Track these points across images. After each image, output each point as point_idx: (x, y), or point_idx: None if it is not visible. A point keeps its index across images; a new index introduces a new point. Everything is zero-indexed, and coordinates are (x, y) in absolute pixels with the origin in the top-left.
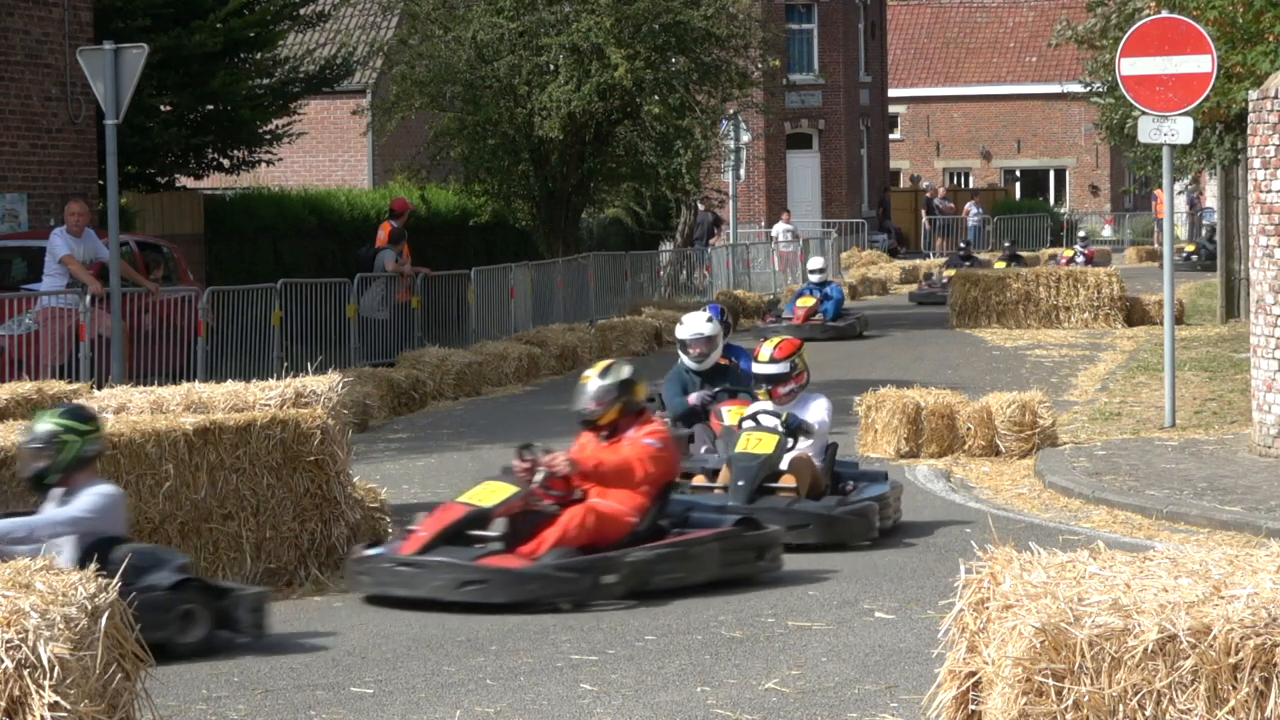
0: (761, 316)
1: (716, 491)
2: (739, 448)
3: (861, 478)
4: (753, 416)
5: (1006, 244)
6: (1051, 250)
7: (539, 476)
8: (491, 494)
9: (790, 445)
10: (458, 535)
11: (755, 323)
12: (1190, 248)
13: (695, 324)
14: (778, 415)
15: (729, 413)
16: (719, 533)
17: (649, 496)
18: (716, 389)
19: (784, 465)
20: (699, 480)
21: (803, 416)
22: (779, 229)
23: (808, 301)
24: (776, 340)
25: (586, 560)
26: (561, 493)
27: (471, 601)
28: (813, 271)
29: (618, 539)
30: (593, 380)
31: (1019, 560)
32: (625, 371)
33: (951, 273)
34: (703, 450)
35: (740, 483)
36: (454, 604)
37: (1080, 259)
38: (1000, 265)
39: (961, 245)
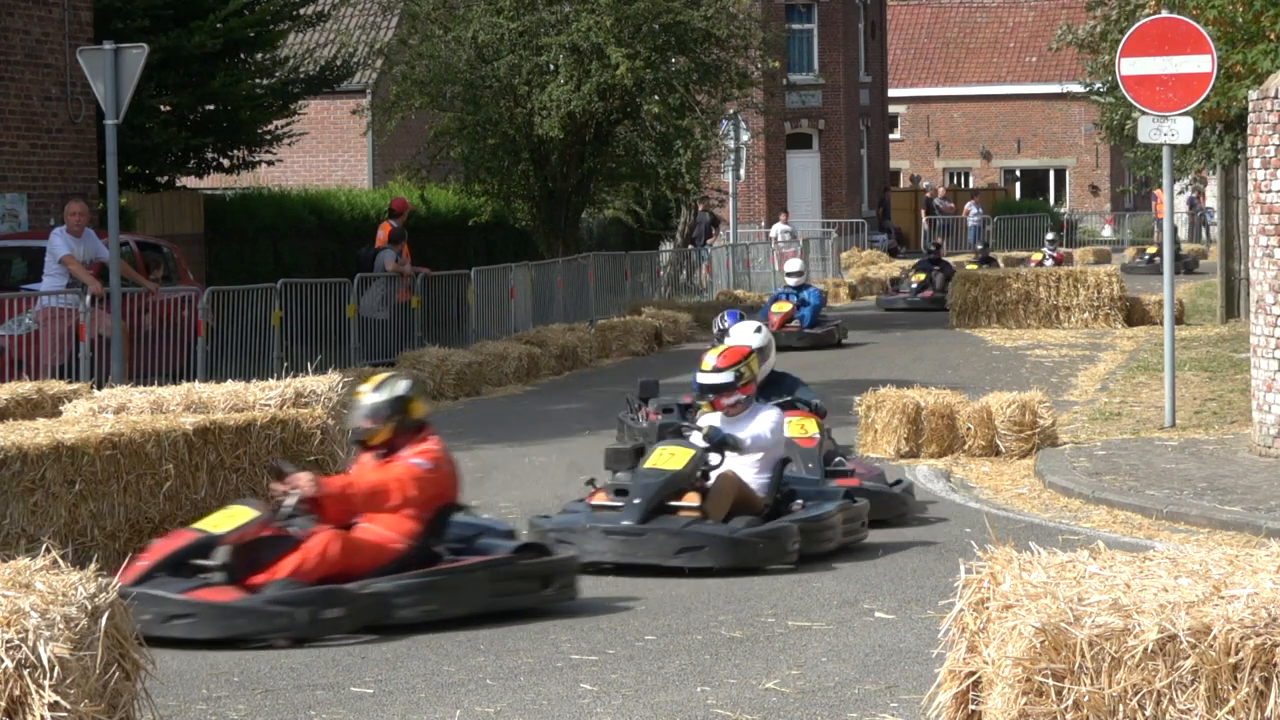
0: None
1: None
2: (647, 463)
3: (820, 495)
4: (675, 430)
5: (979, 246)
6: (1025, 252)
7: (290, 500)
8: (229, 519)
9: (717, 462)
10: (180, 564)
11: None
12: (1152, 249)
13: (742, 335)
14: (700, 429)
15: (790, 424)
16: (487, 561)
17: (418, 520)
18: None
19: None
20: (599, 498)
21: (747, 429)
22: (777, 229)
23: (783, 307)
24: (721, 348)
25: (306, 593)
26: (315, 517)
27: (180, 637)
28: (790, 274)
29: (377, 566)
30: (366, 395)
31: (1019, 560)
32: (401, 387)
33: (921, 276)
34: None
35: (636, 500)
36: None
37: (1049, 262)
38: (972, 268)
39: (930, 248)
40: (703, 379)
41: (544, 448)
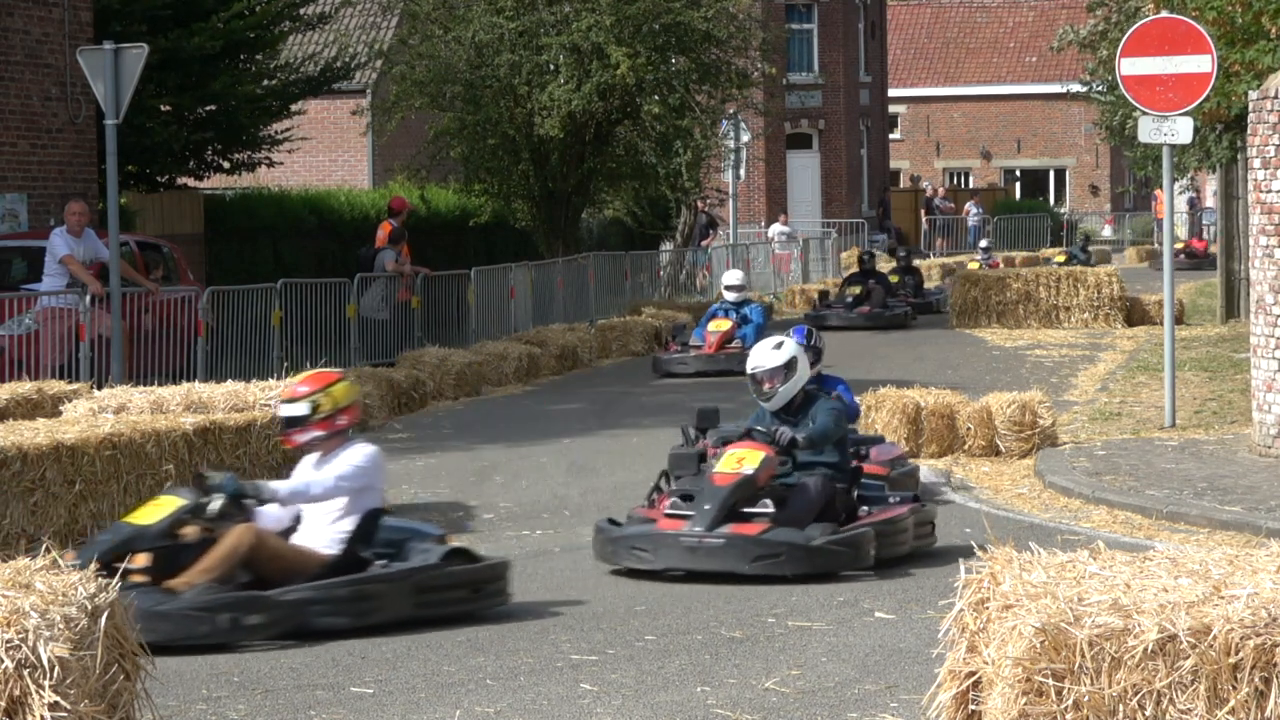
0: (664, 345)
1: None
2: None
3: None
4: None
5: (901, 252)
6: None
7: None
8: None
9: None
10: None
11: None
12: (1060, 258)
13: (759, 353)
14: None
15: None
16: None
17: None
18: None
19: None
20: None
21: (327, 470)
22: (774, 230)
23: (721, 325)
24: (307, 372)
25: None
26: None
27: None
28: (729, 288)
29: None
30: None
31: (1019, 560)
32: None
33: (855, 290)
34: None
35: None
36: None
37: (985, 269)
38: (894, 279)
39: (865, 256)
40: (281, 409)
41: (544, 448)
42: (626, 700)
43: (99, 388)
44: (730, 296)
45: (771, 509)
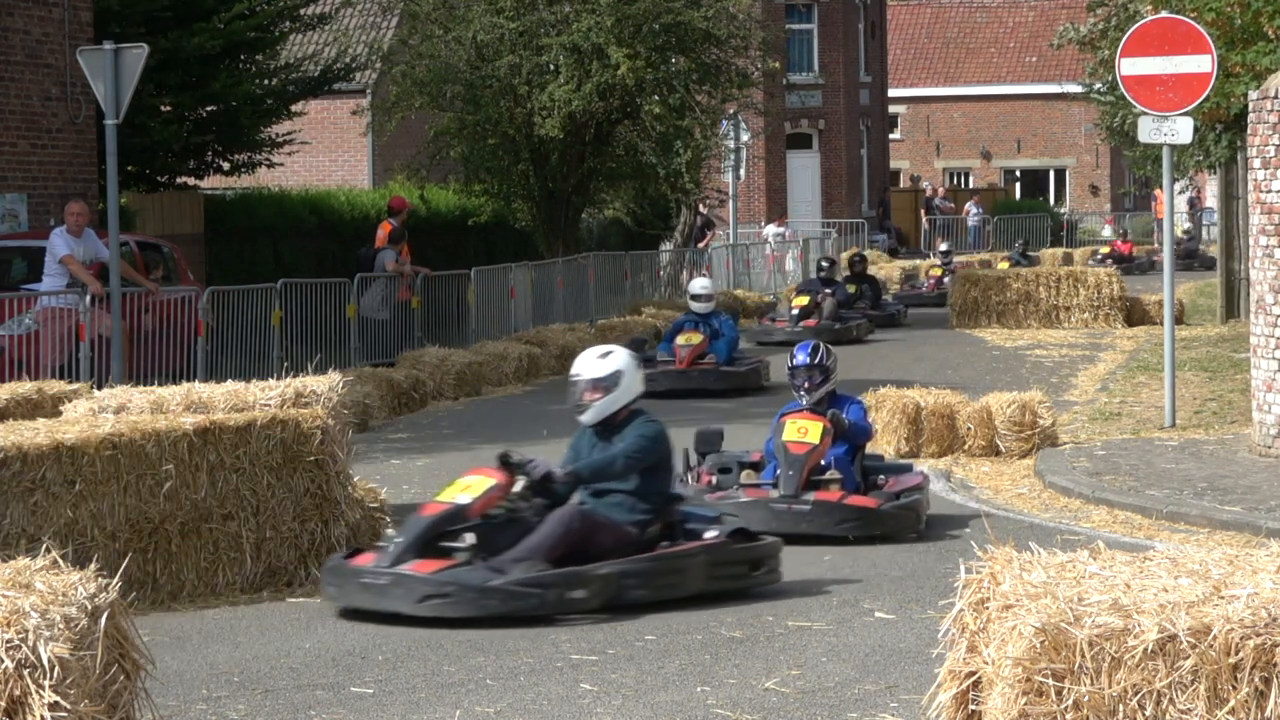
0: (639, 351)
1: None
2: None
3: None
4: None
5: (856, 258)
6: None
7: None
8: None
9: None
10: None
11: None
12: (1004, 264)
13: (583, 360)
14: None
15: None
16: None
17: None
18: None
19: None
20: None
21: None
22: (769, 230)
23: (692, 339)
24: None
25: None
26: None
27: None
28: (696, 297)
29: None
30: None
31: (1019, 560)
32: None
33: (802, 301)
34: None
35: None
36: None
37: (948, 277)
38: (850, 289)
39: (824, 264)
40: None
41: (544, 448)
42: (626, 700)
43: (99, 388)
44: (698, 307)
45: (470, 542)
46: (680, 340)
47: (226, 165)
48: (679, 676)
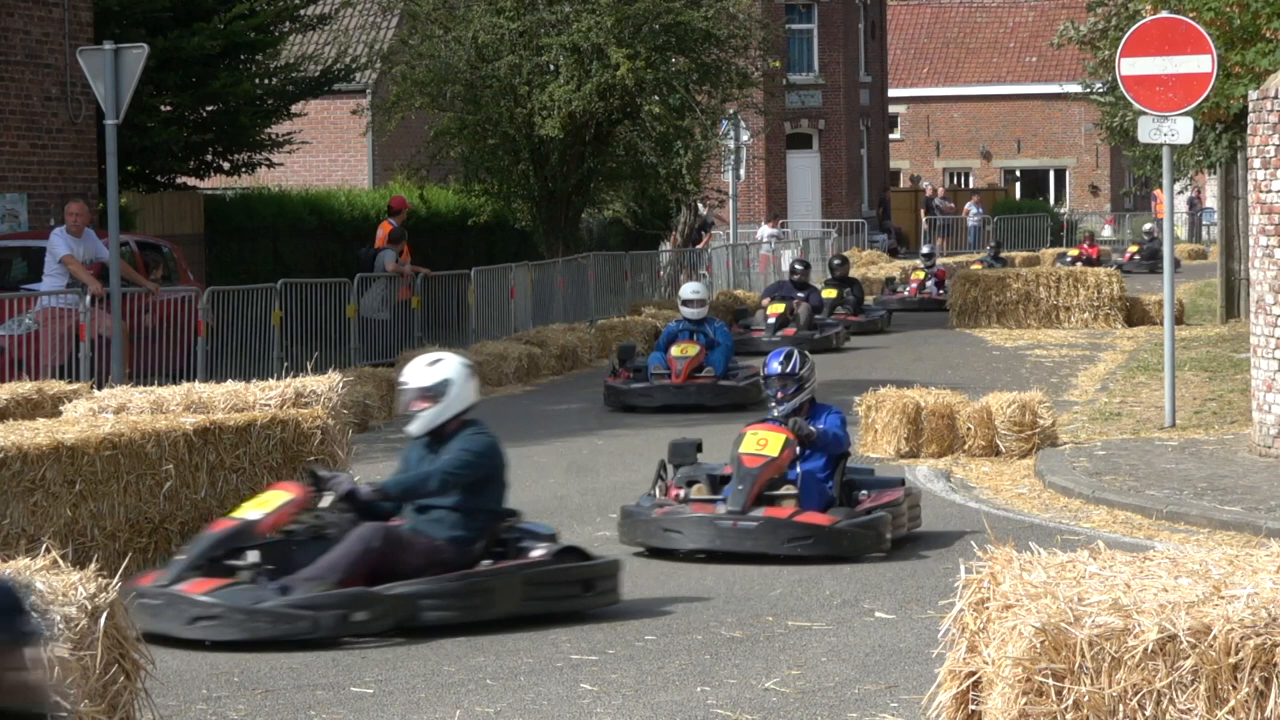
0: (613, 371)
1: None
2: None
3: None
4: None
5: (836, 261)
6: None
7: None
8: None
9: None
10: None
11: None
12: (976, 266)
13: (411, 369)
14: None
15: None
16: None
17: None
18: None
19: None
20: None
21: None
22: (763, 231)
23: (689, 350)
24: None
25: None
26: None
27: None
28: (688, 303)
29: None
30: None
31: (1019, 560)
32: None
33: (778, 309)
34: None
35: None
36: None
37: (931, 283)
38: (831, 294)
39: (798, 266)
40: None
41: (544, 448)
42: (626, 700)
43: (99, 388)
44: (690, 313)
45: (252, 560)
46: (675, 351)
47: (226, 165)
48: (679, 676)
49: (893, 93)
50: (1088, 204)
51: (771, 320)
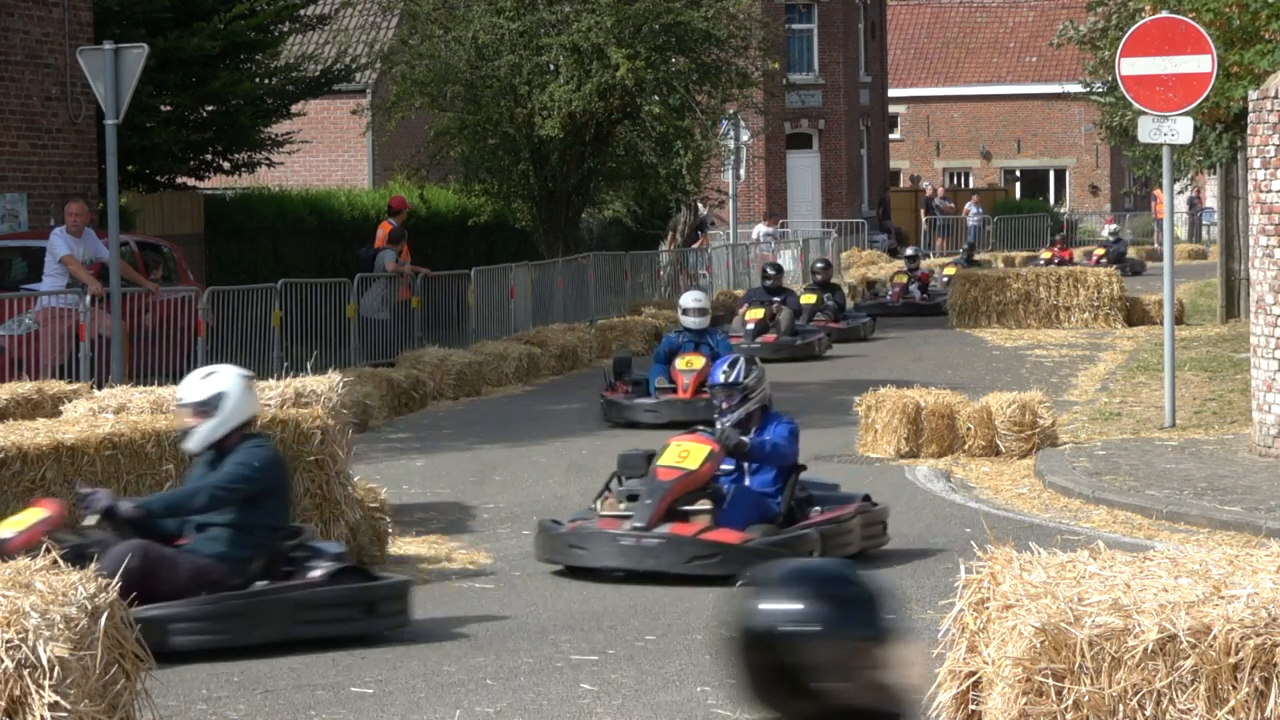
0: (609, 385)
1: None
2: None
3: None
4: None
5: (819, 264)
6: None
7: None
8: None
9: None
10: None
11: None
12: (950, 270)
13: (186, 383)
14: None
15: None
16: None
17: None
18: None
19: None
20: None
21: None
22: (758, 231)
23: (695, 363)
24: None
25: None
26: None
27: None
28: (688, 311)
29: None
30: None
31: (1019, 560)
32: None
33: (757, 314)
34: None
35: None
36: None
37: (914, 287)
38: (811, 299)
39: (770, 270)
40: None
41: (544, 448)
42: (626, 700)
43: (99, 388)
44: (692, 322)
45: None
46: (680, 364)
47: (226, 165)
48: (679, 676)
49: (893, 93)
50: (1088, 204)
51: (750, 326)
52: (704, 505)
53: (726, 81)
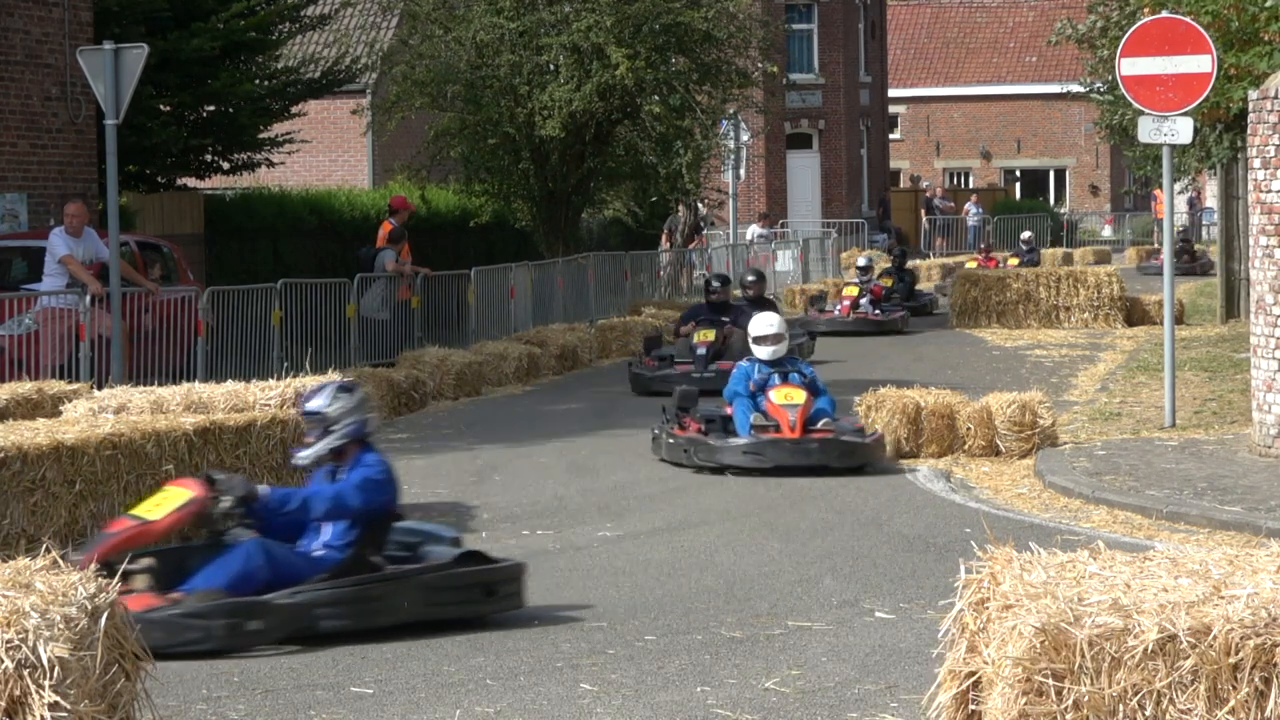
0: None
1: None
2: (777, 399)
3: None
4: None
5: (749, 278)
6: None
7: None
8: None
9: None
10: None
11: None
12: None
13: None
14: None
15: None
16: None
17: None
18: None
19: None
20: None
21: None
22: (752, 231)
23: (793, 396)
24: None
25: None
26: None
27: None
28: (762, 340)
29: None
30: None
31: (1019, 560)
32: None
33: (708, 336)
34: None
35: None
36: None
37: (866, 303)
38: (798, 306)
39: (715, 284)
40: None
41: (544, 448)
42: (626, 700)
43: (99, 388)
44: (764, 352)
45: (147, 565)
46: (778, 399)
47: (226, 165)
48: (679, 676)
49: (893, 93)
50: (1088, 204)
51: (702, 351)
52: (146, 563)
53: (726, 81)
